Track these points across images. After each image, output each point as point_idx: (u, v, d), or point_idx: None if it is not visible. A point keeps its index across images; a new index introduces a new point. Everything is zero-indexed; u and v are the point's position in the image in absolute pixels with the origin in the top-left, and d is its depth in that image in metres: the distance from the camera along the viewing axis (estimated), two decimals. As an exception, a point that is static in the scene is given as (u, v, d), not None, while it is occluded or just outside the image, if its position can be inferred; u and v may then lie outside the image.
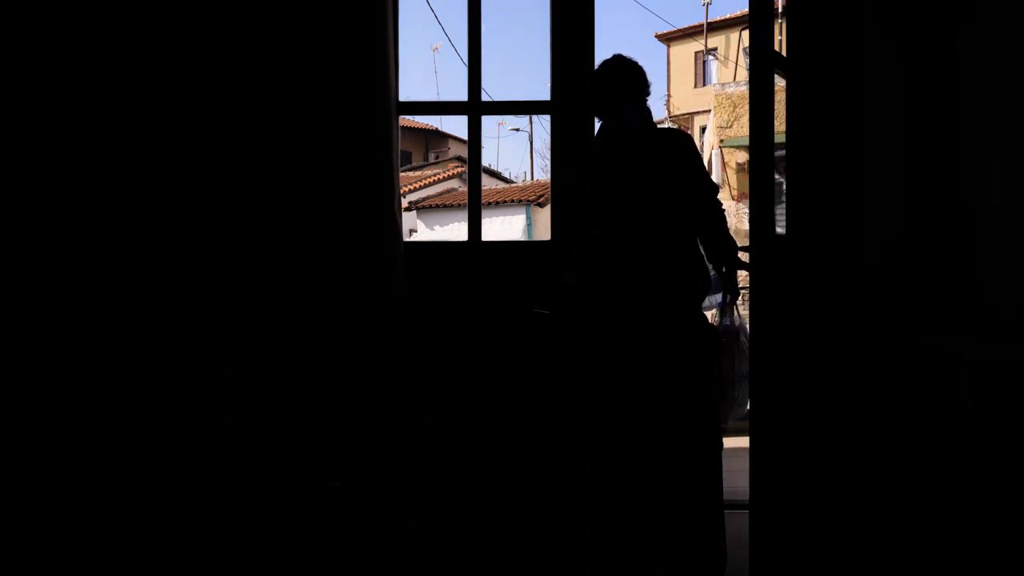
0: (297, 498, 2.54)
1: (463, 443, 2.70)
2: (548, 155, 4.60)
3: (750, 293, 2.53)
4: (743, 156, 12.67)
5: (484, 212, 2.93)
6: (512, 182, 19.21)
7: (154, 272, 2.61)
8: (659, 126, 2.74)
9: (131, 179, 2.61)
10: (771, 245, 2.47)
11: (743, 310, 2.86)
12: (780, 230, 2.65)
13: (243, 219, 2.64)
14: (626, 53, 2.62)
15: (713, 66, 24.64)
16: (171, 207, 2.62)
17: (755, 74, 2.41)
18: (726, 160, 12.82)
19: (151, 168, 2.62)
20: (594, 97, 2.62)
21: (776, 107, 2.51)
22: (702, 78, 25.15)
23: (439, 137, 23.32)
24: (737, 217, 10.96)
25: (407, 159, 21.65)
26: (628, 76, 2.58)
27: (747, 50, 2.53)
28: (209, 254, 2.63)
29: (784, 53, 2.62)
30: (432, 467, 2.64)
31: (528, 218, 12.96)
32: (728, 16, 23.57)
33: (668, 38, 26.04)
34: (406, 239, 2.87)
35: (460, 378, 2.74)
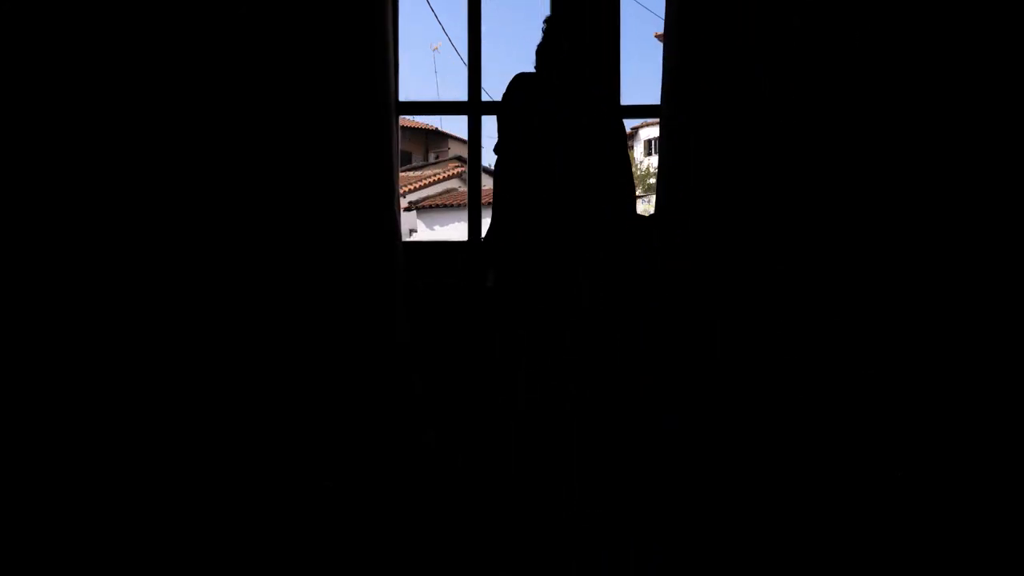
0: (292, 497, 2.55)
1: (461, 441, 2.70)
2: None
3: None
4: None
5: (484, 212, 2.93)
6: (512, 182, 19.13)
7: (157, 268, 2.61)
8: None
9: (128, 179, 2.62)
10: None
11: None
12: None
13: (240, 217, 2.64)
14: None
15: (713, 66, 24.60)
16: (173, 204, 2.62)
17: None
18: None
19: (149, 168, 2.62)
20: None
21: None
22: (702, 78, 25.09)
23: (439, 137, 23.28)
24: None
25: (407, 159, 21.63)
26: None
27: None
28: (207, 252, 2.63)
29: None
30: (428, 465, 2.64)
31: (528, 218, 12.89)
32: (728, 16, 23.49)
33: (668, 38, 25.98)
34: (406, 239, 2.87)
35: (459, 377, 2.74)
